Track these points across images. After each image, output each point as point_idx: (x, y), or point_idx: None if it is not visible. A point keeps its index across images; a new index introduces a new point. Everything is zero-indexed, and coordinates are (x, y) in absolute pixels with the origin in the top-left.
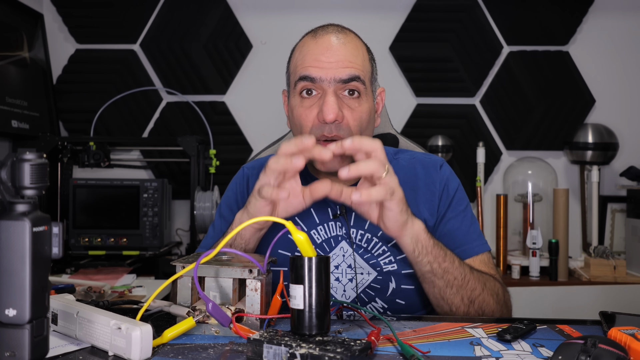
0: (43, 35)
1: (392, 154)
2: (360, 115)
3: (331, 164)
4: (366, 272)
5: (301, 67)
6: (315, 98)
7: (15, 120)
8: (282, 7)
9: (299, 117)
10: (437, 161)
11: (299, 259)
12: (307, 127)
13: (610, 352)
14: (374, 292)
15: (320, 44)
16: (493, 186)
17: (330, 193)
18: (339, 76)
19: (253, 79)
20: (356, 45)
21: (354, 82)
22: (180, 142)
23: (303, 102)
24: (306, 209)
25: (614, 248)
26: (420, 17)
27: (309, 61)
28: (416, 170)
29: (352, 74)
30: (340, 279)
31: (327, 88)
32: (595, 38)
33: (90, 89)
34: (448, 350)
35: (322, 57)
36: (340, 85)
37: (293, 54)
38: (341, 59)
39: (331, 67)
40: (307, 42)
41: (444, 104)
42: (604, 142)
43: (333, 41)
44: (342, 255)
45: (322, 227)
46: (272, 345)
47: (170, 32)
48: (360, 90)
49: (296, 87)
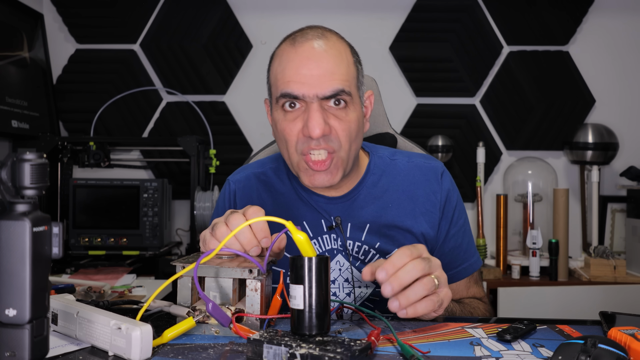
0: (43, 35)
1: (388, 156)
2: (348, 126)
3: (319, 181)
4: (364, 284)
5: (282, 82)
6: (299, 111)
7: (15, 120)
8: (282, 7)
9: (282, 131)
10: (438, 168)
11: (299, 259)
12: (292, 142)
13: (610, 352)
14: (373, 305)
15: (300, 54)
16: (493, 186)
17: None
18: (322, 93)
19: (253, 79)
20: (339, 51)
21: (339, 95)
22: (180, 142)
23: (286, 116)
24: (298, 222)
25: (614, 248)
26: (420, 17)
27: (290, 75)
28: (415, 177)
29: (336, 88)
30: (337, 293)
31: (311, 102)
32: (595, 38)
33: (90, 89)
34: (448, 351)
35: (303, 69)
36: (324, 100)
37: (272, 63)
38: (323, 71)
39: (313, 83)
40: (285, 51)
41: (444, 104)
42: (604, 142)
43: (314, 49)
44: (338, 270)
45: (316, 242)
46: (272, 346)
47: (170, 32)
48: (346, 100)
49: (278, 102)
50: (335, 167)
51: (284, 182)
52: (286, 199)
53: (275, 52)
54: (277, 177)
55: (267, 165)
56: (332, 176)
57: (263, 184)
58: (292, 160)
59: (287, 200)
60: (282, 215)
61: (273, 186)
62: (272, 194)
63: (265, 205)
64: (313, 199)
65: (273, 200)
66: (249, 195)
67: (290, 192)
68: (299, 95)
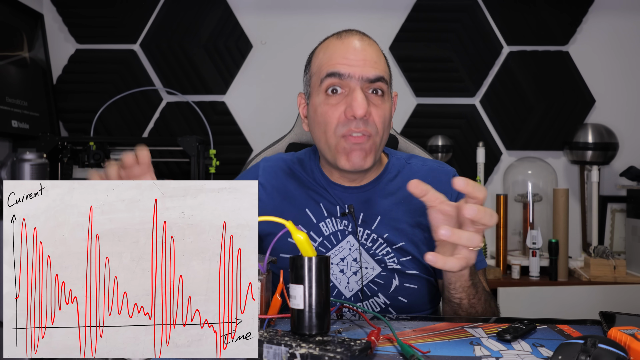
0: (43, 35)
1: (405, 159)
2: (384, 113)
3: (356, 157)
4: (371, 266)
5: (328, 65)
6: (342, 96)
7: (15, 120)
8: (282, 7)
9: (324, 114)
10: (450, 172)
11: (298, 258)
12: (332, 124)
13: (610, 352)
14: (377, 287)
15: (347, 44)
16: (493, 186)
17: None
18: (366, 75)
19: (253, 79)
20: (378, 50)
21: (379, 82)
22: (180, 142)
23: (329, 100)
24: (315, 204)
25: (614, 248)
26: (420, 17)
27: (337, 58)
28: (427, 179)
29: (379, 74)
30: (345, 271)
31: (355, 85)
32: (595, 38)
33: (90, 89)
34: (448, 350)
35: (350, 55)
36: (366, 84)
37: (315, 55)
38: (368, 58)
39: (359, 65)
40: (332, 42)
41: (444, 104)
42: (604, 142)
43: (358, 42)
44: (348, 249)
45: (330, 221)
46: (272, 345)
47: (170, 32)
48: (384, 90)
49: (322, 84)
50: (370, 149)
51: (307, 171)
52: (306, 184)
53: (319, 46)
54: (301, 167)
55: (295, 156)
56: (366, 155)
57: (289, 169)
58: (329, 143)
59: (307, 185)
60: (302, 195)
61: (295, 173)
62: (295, 179)
63: (287, 186)
64: (331, 187)
65: (294, 182)
66: (274, 174)
67: (310, 180)
68: (345, 74)
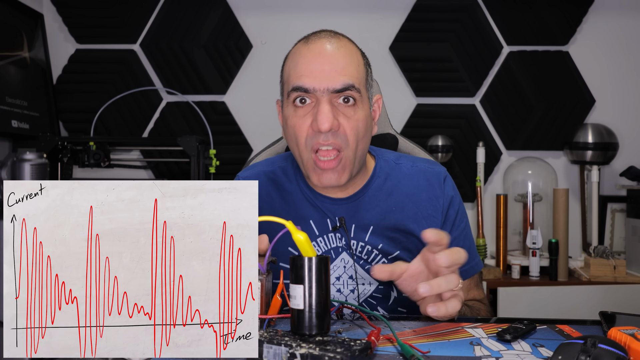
0: (43, 35)
1: (393, 160)
2: (356, 124)
3: (327, 180)
4: (367, 282)
5: (294, 77)
6: (309, 107)
7: (15, 120)
8: (282, 7)
9: (293, 127)
10: (441, 174)
11: (298, 259)
12: (302, 137)
13: (610, 352)
14: (375, 302)
15: (313, 50)
16: (493, 186)
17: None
18: (332, 86)
19: (253, 79)
20: (350, 51)
21: (349, 90)
22: (180, 142)
23: (297, 112)
24: (305, 220)
25: (614, 248)
26: (420, 17)
27: (302, 70)
28: (419, 182)
29: (346, 82)
30: (342, 290)
31: (321, 97)
32: (595, 38)
33: (90, 89)
34: (448, 350)
35: (315, 64)
36: (334, 94)
37: (286, 63)
38: (334, 67)
39: (324, 77)
40: (299, 50)
41: (444, 104)
42: (604, 142)
43: (326, 47)
44: (342, 267)
45: (322, 239)
46: (272, 345)
47: (170, 32)
48: (355, 97)
49: (289, 97)
50: (342, 167)
51: (291, 181)
52: (294, 198)
53: (290, 52)
54: (285, 177)
55: (276, 164)
56: (339, 175)
57: (272, 182)
58: (302, 157)
59: (294, 199)
60: (290, 213)
61: (282, 185)
62: (281, 193)
63: (274, 203)
64: (319, 199)
65: (281, 198)
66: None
67: (297, 191)
68: (310, 88)
